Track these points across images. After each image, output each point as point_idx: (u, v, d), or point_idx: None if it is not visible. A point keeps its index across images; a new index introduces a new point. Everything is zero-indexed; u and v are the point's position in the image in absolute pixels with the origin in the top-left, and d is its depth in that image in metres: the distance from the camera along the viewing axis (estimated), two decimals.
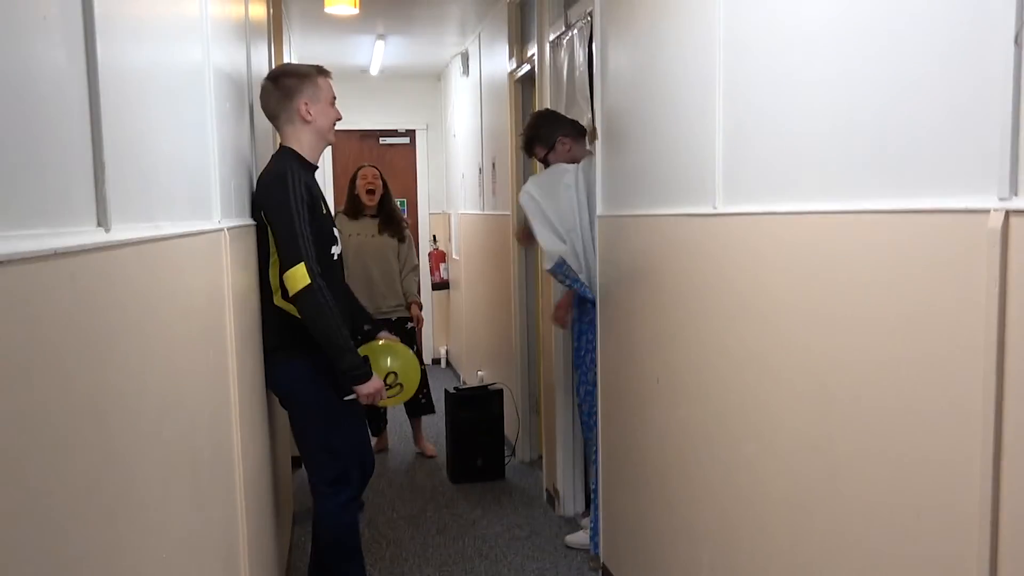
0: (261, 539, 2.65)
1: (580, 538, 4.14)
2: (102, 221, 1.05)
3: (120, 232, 1.10)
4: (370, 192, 5.52)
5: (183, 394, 1.49)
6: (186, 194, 1.77)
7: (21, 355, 0.78)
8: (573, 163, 3.91)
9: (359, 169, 5.63)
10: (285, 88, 3.08)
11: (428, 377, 5.66)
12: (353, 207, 5.57)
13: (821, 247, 1.94)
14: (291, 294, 2.88)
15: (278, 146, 3.20)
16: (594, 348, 3.75)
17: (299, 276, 2.85)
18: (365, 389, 3.02)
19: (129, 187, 1.23)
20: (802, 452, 2.04)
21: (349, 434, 3.21)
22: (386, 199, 5.60)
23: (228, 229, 2.20)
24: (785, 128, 2.08)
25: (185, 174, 1.78)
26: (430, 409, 5.76)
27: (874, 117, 1.73)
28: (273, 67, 4.21)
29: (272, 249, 2.95)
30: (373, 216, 5.55)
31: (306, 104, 3.07)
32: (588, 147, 3.84)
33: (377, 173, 5.59)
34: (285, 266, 2.88)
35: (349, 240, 5.30)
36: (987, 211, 1.42)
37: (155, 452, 1.25)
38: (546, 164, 4.02)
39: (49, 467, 0.83)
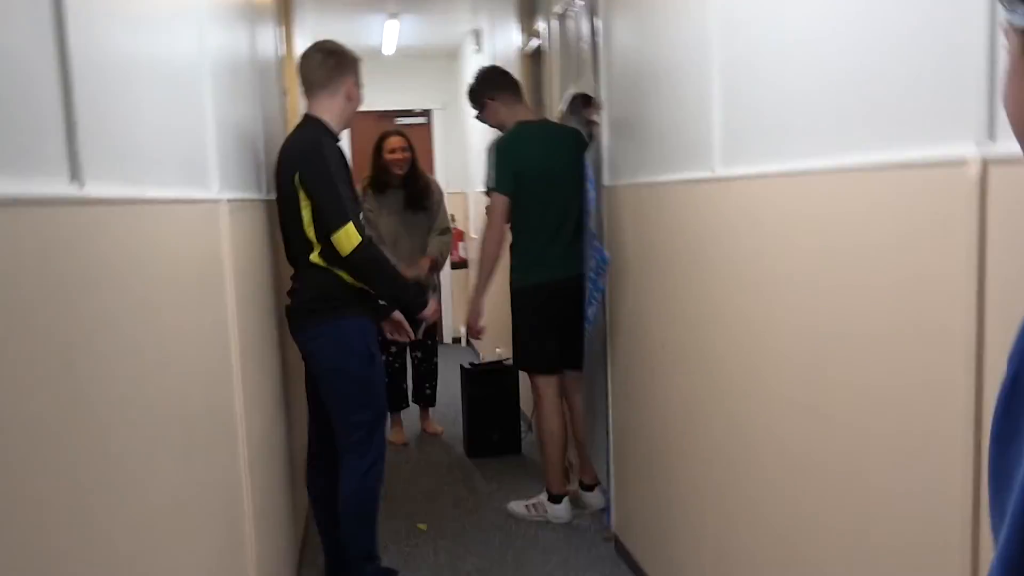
0: (270, 507, 2.69)
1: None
2: (76, 177, 1.08)
3: (95, 190, 1.13)
4: (399, 166, 5.05)
5: (171, 354, 1.53)
6: (179, 166, 1.80)
7: None
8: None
9: (384, 138, 5.12)
10: (340, 63, 3.21)
11: (439, 369, 5.68)
12: (379, 179, 5.09)
13: (811, 206, 1.95)
14: (345, 254, 2.97)
15: (303, 116, 3.24)
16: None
17: (351, 235, 2.96)
18: (428, 312, 3.35)
19: (108, 149, 1.26)
20: (794, 414, 2.05)
21: (379, 397, 3.27)
22: (415, 169, 5.14)
23: (228, 201, 2.24)
24: (778, 87, 2.09)
25: (177, 147, 1.80)
26: (432, 401, 5.76)
27: (862, 71, 1.75)
28: (283, 46, 4.25)
29: (303, 208, 3.01)
30: (400, 187, 5.09)
31: (354, 83, 3.23)
32: (595, 116, 3.84)
33: (406, 143, 5.10)
34: (332, 228, 2.96)
35: (379, 220, 5.03)
36: (965, 161, 1.43)
37: (135, 407, 1.28)
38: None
39: (6, 408, 0.85)
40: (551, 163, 3.95)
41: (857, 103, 1.77)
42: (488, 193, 4.05)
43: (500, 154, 3.96)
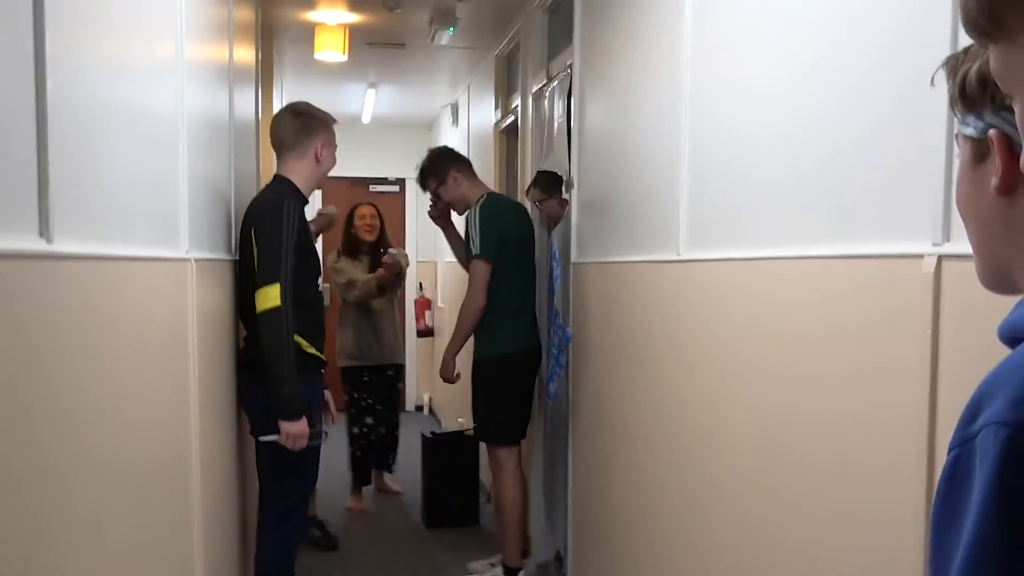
0: (221, 558, 2.65)
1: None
2: (44, 232, 1.09)
3: (64, 246, 1.13)
4: (368, 231, 5.32)
5: (131, 414, 1.52)
6: (150, 224, 1.81)
7: None
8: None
9: (356, 207, 5.45)
10: (308, 125, 3.23)
11: (399, 437, 5.69)
12: (350, 244, 5.35)
13: (773, 291, 1.99)
14: (258, 311, 2.92)
15: (272, 177, 3.26)
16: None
17: (272, 295, 2.91)
18: (290, 428, 2.97)
19: (79, 204, 1.26)
20: (749, 495, 2.07)
21: (310, 468, 3.23)
22: (382, 238, 5.42)
23: (196, 260, 2.24)
24: (744, 181, 2.15)
25: (149, 205, 1.81)
26: (391, 469, 5.80)
27: (824, 171, 1.81)
28: (260, 109, 4.29)
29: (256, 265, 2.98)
30: (368, 253, 5.33)
31: (323, 146, 3.23)
32: (565, 195, 3.91)
33: (375, 212, 5.42)
34: (261, 283, 2.93)
35: (362, 288, 5.18)
36: (922, 256, 1.48)
37: (92, 465, 1.27)
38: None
39: None
40: (523, 234, 4.04)
41: (821, 200, 1.82)
42: (471, 259, 4.00)
43: (487, 220, 3.94)
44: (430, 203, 4.28)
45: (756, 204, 2.09)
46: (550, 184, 4.03)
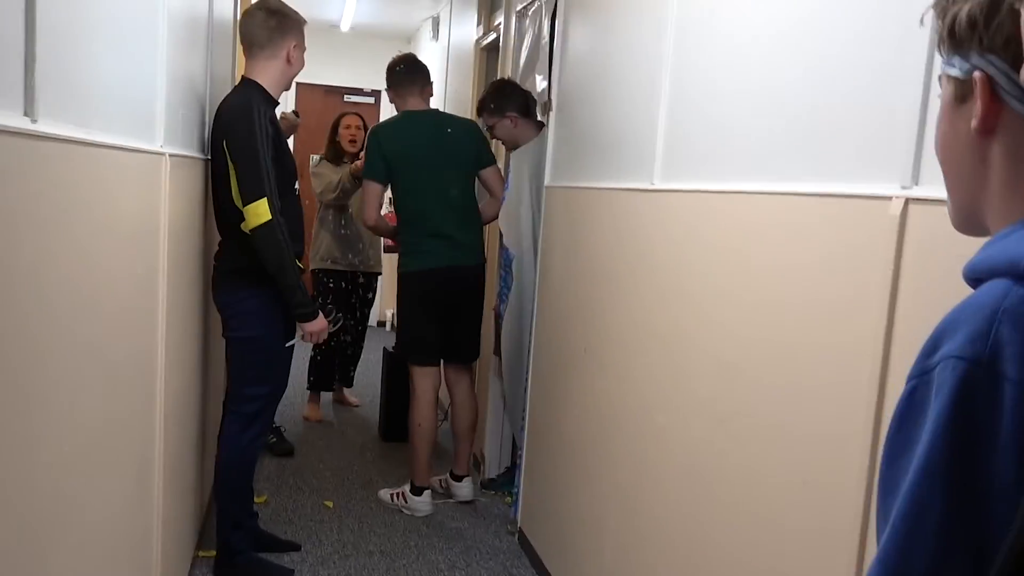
0: (180, 457, 2.69)
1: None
2: (29, 111, 1.09)
3: (47, 126, 1.13)
4: (352, 141, 5.36)
5: (103, 297, 1.53)
6: (127, 115, 1.80)
7: None
8: (512, 141, 4.05)
9: (341, 116, 5.44)
10: (283, 24, 3.14)
11: (363, 351, 5.72)
12: (334, 151, 5.39)
13: (744, 225, 2.02)
14: (250, 228, 2.93)
15: (239, 78, 3.21)
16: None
17: (261, 211, 2.91)
18: (311, 327, 3.13)
19: (62, 86, 1.26)
20: (707, 424, 2.13)
21: (280, 374, 3.26)
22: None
23: (170, 155, 2.23)
24: (722, 115, 2.17)
25: (127, 96, 1.80)
26: (351, 383, 5.85)
27: (801, 108, 1.84)
28: (238, 8, 4.21)
29: (231, 176, 2.96)
30: (351, 161, 5.32)
31: (295, 47, 3.16)
32: (541, 117, 3.90)
33: (360, 123, 5.44)
34: (247, 200, 2.92)
35: (336, 188, 5.20)
36: (890, 198, 1.52)
37: (67, 341, 1.29)
38: (491, 132, 4.13)
39: None
40: (423, 154, 4.00)
41: (796, 139, 1.86)
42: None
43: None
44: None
45: (732, 138, 2.12)
46: (500, 105, 4.03)
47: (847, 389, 1.59)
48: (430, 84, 4.21)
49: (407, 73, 4.14)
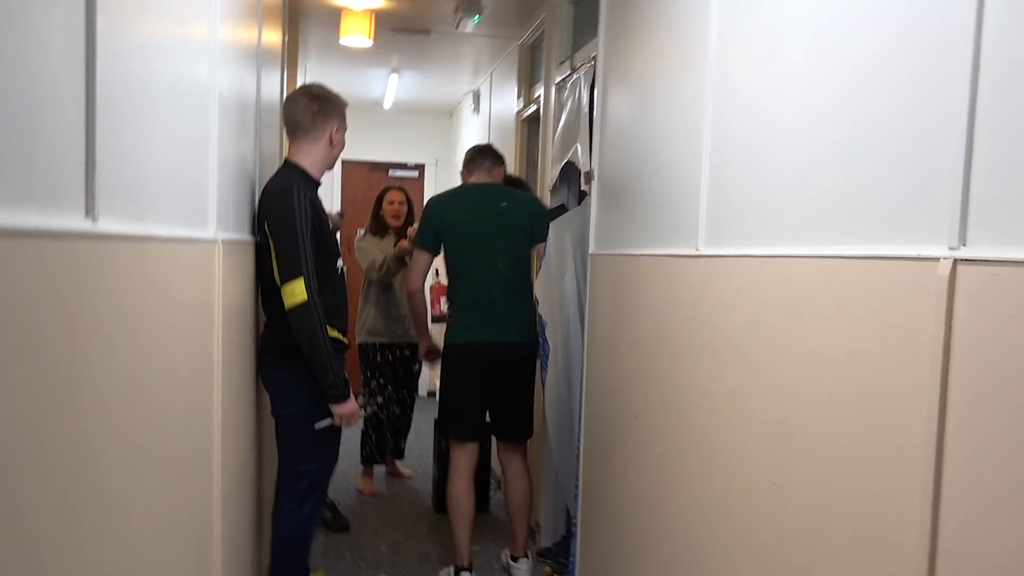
0: (237, 537, 2.70)
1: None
2: (90, 212, 1.12)
3: (107, 226, 1.17)
4: (395, 216, 5.50)
5: (159, 393, 1.56)
6: (181, 204, 1.85)
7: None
8: None
9: (386, 191, 5.60)
10: (324, 109, 3.22)
11: (412, 420, 5.77)
12: (378, 225, 5.52)
13: (789, 288, 2.02)
14: (287, 307, 2.97)
15: (283, 161, 3.29)
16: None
17: (297, 291, 2.94)
18: (341, 409, 3.11)
19: (120, 188, 1.30)
20: (762, 486, 2.10)
21: (330, 449, 3.28)
22: (409, 220, 5.56)
23: (223, 241, 2.28)
24: (763, 178, 2.17)
25: (181, 185, 1.85)
26: (402, 455, 5.89)
27: (842, 172, 1.83)
28: (284, 92, 4.33)
29: (273, 257, 3.02)
30: (394, 235, 5.50)
31: (336, 129, 3.24)
32: (584, 187, 3.94)
33: (404, 198, 5.58)
34: (284, 279, 2.97)
35: (381, 268, 5.32)
36: (937, 259, 1.51)
37: (123, 438, 1.32)
38: None
39: (20, 452, 0.89)
40: (473, 226, 4.01)
41: (837, 200, 1.84)
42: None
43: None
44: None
45: (774, 202, 2.12)
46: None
47: (903, 451, 1.56)
48: (501, 164, 4.22)
49: (478, 152, 4.21)
